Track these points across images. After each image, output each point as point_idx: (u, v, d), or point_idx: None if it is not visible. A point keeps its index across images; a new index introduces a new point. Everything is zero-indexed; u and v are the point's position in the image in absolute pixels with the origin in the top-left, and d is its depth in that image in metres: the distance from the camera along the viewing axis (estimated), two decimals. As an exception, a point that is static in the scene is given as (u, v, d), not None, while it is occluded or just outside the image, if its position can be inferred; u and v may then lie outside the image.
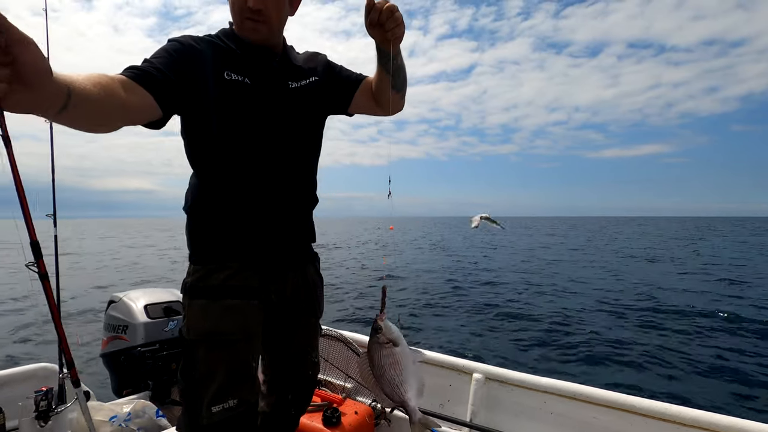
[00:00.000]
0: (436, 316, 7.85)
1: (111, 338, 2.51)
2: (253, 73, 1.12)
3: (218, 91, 1.06)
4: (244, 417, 1.10)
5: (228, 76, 1.07)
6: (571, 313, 7.87)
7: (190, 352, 1.09)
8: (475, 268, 14.61)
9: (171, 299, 2.66)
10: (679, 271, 13.71)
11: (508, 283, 11.38)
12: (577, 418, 1.60)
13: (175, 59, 1.02)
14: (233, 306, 1.10)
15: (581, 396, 1.59)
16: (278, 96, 1.15)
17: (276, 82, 1.16)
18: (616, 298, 9.32)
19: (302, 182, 1.24)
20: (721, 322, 7.32)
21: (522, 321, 7.38)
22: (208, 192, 1.14)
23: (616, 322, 7.23)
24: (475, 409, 1.80)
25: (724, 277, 12.35)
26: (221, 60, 1.08)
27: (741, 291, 10.21)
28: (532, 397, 1.71)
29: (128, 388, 2.44)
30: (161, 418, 2.14)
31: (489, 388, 1.82)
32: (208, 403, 1.05)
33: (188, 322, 1.11)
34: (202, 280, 1.12)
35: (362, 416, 1.92)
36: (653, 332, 6.64)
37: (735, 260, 17.05)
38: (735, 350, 5.72)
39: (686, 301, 8.82)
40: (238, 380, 1.09)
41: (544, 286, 11.01)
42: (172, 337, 2.54)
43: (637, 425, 1.47)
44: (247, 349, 1.13)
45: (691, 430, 1.38)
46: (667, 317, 7.56)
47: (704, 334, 6.57)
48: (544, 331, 6.68)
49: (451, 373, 1.93)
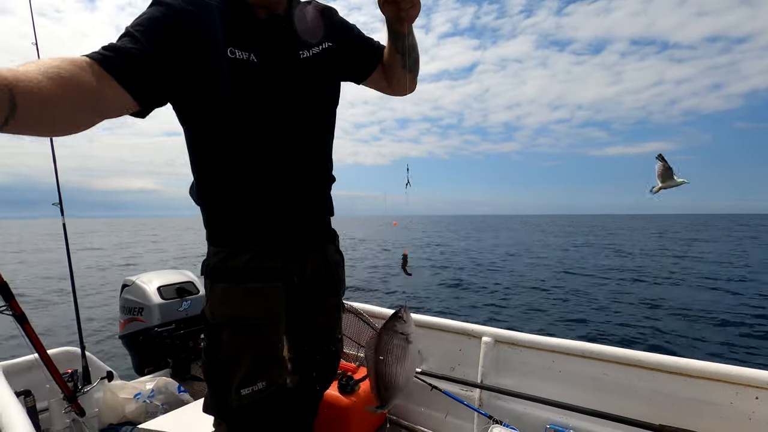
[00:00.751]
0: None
1: (128, 320, 2.58)
2: (260, 46, 0.98)
3: (222, 72, 0.93)
4: (274, 398, 1.09)
5: (232, 54, 0.94)
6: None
7: (215, 335, 1.06)
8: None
9: (183, 280, 2.71)
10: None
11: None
12: (586, 374, 1.63)
13: (166, 33, 0.85)
14: (256, 289, 1.07)
15: (589, 353, 1.62)
16: (289, 71, 1.03)
17: (285, 55, 1.03)
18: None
19: (317, 160, 1.17)
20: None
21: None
22: (219, 178, 1.07)
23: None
24: (485, 370, 1.84)
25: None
26: (223, 32, 0.93)
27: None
28: (541, 357, 1.75)
29: (149, 367, 2.53)
30: (183, 393, 2.22)
31: (498, 350, 1.86)
32: (237, 386, 1.03)
33: (211, 306, 1.07)
34: (224, 261, 1.07)
35: (376, 382, 1.98)
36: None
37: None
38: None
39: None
40: (265, 363, 1.08)
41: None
42: (187, 316, 2.61)
43: (645, 379, 1.51)
44: (272, 332, 1.10)
45: (697, 381, 1.42)
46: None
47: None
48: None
49: (461, 338, 1.97)
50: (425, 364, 2.01)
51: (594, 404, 1.55)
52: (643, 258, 17.41)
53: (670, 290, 9.91)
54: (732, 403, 1.36)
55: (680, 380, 1.45)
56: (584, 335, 6.31)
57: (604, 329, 6.62)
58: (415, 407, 2.06)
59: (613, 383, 1.58)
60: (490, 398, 1.83)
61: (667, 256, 15.76)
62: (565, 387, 1.67)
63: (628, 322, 6.88)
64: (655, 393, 1.49)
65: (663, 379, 1.48)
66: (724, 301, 8.33)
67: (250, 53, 0.96)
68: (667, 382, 1.47)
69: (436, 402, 1.95)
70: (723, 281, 11.25)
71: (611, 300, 8.83)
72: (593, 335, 6.37)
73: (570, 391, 1.65)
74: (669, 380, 1.47)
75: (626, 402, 1.54)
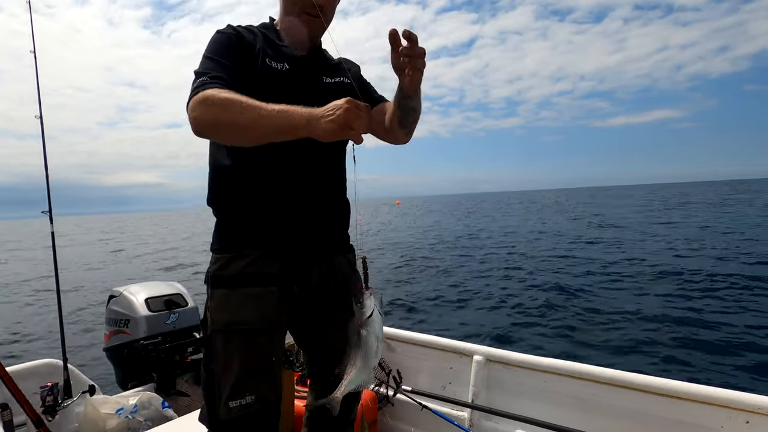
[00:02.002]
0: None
1: (113, 332, 2.53)
2: (292, 62, 1.16)
3: (259, 77, 1.10)
4: (262, 414, 1.08)
5: (269, 62, 1.12)
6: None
7: (210, 343, 1.09)
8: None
9: (171, 292, 2.67)
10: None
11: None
12: (577, 395, 1.63)
13: (233, 51, 1.09)
14: (252, 294, 1.09)
15: (580, 374, 1.62)
16: (314, 88, 1.18)
17: (312, 74, 1.20)
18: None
19: (330, 171, 1.24)
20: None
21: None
22: (232, 180, 1.14)
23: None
24: (476, 390, 1.82)
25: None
26: (264, 47, 1.14)
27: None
28: (533, 377, 1.74)
29: (133, 381, 2.47)
30: (167, 409, 2.17)
31: (489, 369, 1.85)
32: (226, 397, 1.05)
33: (210, 313, 1.11)
34: (223, 268, 1.11)
35: (366, 400, 1.95)
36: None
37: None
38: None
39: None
40: (254, 374, 1.08)
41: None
42: (174, 329, 2.56)
43: (635, 400, 1.50)
44: (267, 342, 1.11)
45: (688, 404, 1.42)
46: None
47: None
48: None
49: (452, 356, 1.96)
50: (413, 384, 1.98)
51: (585, 426, 1.54)
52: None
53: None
54: (723, 427, 1.36)
55: (671, 403, 1.45)
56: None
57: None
58: (405, 427, 2.03)
59: (603, 404, 1.57)
60: (480, 419, 1.80)
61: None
62: (557, 408, 1.66)
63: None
64: (645, 415, 1.49)
65: (654, 402, 1.47)
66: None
67: (283, 64, 1.15)
68: (657, 404, 1.47)
69: (425, 422, 1.92)
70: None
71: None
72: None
73: (561, 413, 1.64)
74: (660, 403, 1.47)
75: (616, 424, 1.53)
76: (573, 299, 7.33)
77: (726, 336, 5.27)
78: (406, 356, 2.10)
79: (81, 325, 7.47)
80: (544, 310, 6.73)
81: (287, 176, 1.13)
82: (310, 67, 1.21)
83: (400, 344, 2.12)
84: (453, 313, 7.09)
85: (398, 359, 2.10)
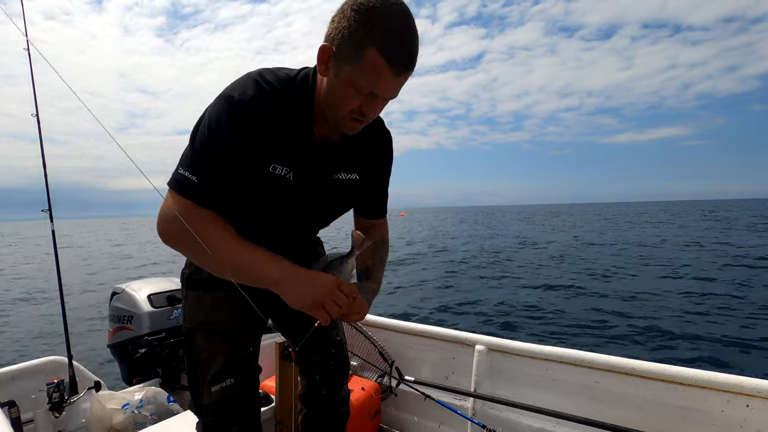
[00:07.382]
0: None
1: (117, 329, 2.54)
2: (300, 164, 1.05)
3: (259, 181, 1.02)
4: (242, 394, 1.15)
5: (273, 169, 1.02)
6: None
7: (189, 339, 1.17)
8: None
9: (173, 288, 2.67)
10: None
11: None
12: (578, 383, 1.64)
13: (235, 149, 0.96)
14: (221, 297, 1.15)
15: (582, 362, 1.63)
16: (317, 188, 1.11)
17: (319, 175, 1.10)
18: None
19: (313, 233, 1.32)
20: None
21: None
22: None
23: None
24: (478, 379, 1.84)
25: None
26: (273, 147, 1.00)
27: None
28: (534, 366, 1.75)
29: (138, 377, 2.49)
30: (173, 403, 2.18)
31: (491, 358, 1.86)
32: (208, 383, 1.12)
33: (186, 311, 1.19)
34: (196, 273, 1.18)
35: (369, 392, 1.96)
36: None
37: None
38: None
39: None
40: (236, 363, 1.15)
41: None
42: (178, 324, 2.57)
43: (637, 386, 1.51)
44: (242, 337, 1.18)
45: (689, 389, 1.43)
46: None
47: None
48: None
49: (454, 346, 1.97)
50: (416, 374, 1.99)
51: (587, 413, 1.56)
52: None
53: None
54: (723, 411, 1.37)
55: (672, 388, 1.46)
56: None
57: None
58: (408, 416, 2.05)
59: (605, 391, 1.58)
60: (483, 407, 1.82)
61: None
62: (559, 395, 1.68)
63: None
64: (647, 401, 1.50)
65: (655, 388, 1.49)
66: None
67: (289, 170, 1.03)
68: (659, 390, 1.48)
69: (429, 411, 1.93)
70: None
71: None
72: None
73: (563, 400, 1.65)
74: (661, 388, 1.48)
75: (618, 410, 1.54)
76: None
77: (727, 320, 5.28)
78: (408, 347, 2.11)
79: (86, 323, 7.53)
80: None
81: (264, 232, 1.11)
82: (322, 164, 1.09)
83: (403, 335, 2.13)
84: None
85: (401, 350, 2.11)
